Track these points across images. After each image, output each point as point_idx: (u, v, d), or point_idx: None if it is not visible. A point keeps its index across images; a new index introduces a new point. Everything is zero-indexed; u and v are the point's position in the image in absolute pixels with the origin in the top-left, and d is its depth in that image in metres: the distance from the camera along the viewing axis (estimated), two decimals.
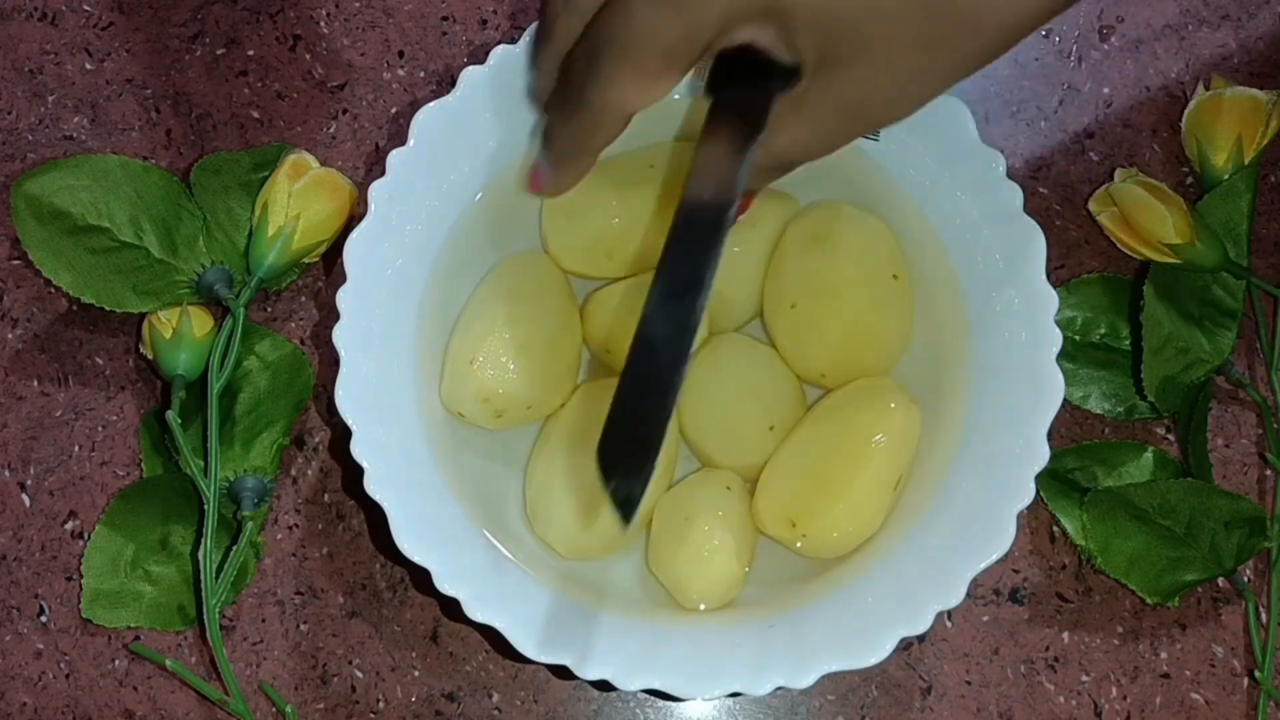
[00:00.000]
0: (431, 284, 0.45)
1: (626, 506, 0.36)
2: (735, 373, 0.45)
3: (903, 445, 0.44)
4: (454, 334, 0.45)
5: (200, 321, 0.49)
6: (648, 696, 0.47)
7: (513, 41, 0.44)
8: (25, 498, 0.49)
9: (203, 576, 0.46)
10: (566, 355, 0.46)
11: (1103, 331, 0.51)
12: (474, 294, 0.46)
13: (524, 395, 0.45)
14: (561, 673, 0.42)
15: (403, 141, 0.43)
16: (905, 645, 0.47)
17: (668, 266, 0.38)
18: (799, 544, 0.44)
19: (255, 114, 0.53)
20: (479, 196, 0.46)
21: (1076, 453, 0.49)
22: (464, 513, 0.44)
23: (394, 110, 0.54)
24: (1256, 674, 0.47)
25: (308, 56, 0.54)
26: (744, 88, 0.39)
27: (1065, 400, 0.42)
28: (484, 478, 0.46)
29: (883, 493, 0.44)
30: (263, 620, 0.48)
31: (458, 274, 0.46)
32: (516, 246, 0.48)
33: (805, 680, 0.39)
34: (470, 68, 0.44)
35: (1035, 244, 0.43)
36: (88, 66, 0.54)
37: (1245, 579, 0.48)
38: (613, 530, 0.44)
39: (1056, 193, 0.53)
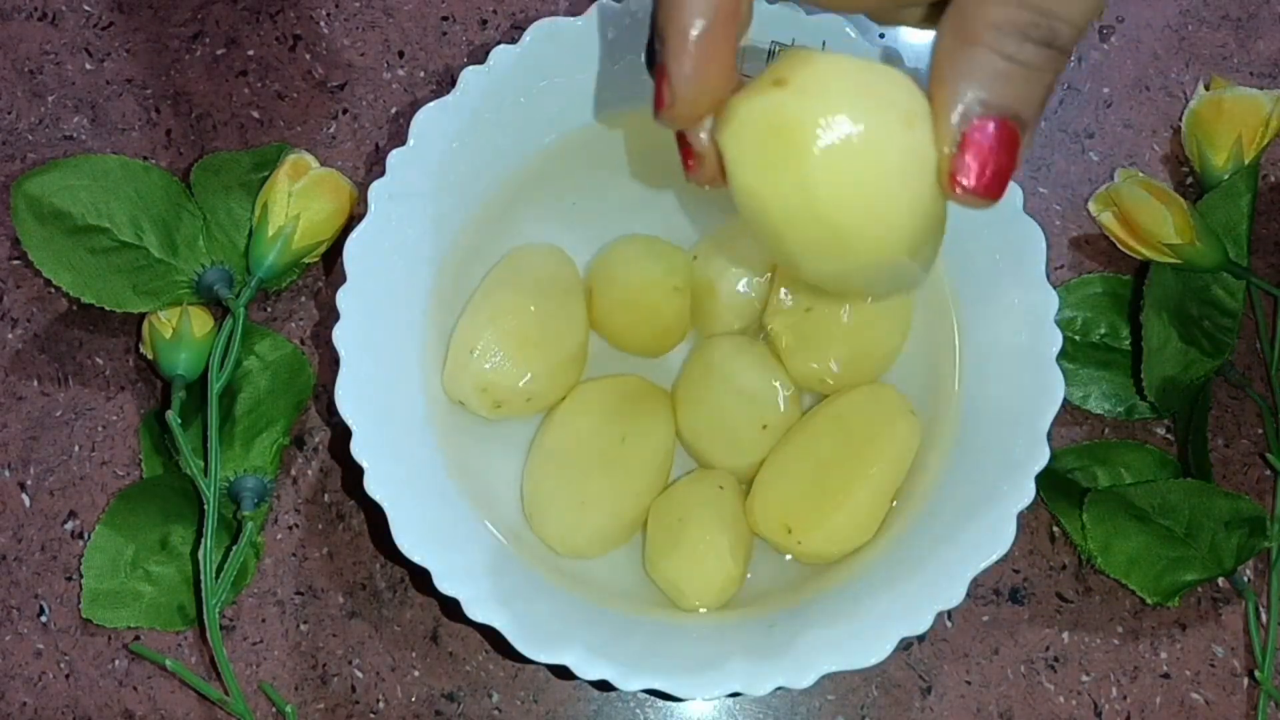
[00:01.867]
0: (432, 283, 0.45)
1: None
2: (728, 373, 0.45)
3: (902, 458, 0.44)
4: (457, 324, 0.45)
5: (200, 321, 0.49)
6: (648, 696, 0.47)
7: (513, 41, 0.44)
8: (25, 498, 0.49)
9: (203, 576, 0.46)
10: (569, 348, 0.46)
11: (1103, 331, 0.51)
12: (479, 285, 0.46)
13: (523, 387, 0.45)
14: (561, 673, 0.42)
15: (403, 141, 0.43)
16: (905, 645, 0.47)
17: None
18: (794, 551, 0.44)
19: (255, 114, 0.53)
20: (479, 195, 0.46)
21: (1076, 453, 0.49)
22: (465, 512, 0.44)
23: (394, 110, 0.54)
24: (1256, 674, 0.47)
25: (308, 56, 0.54)
26: None
27: (1065, 400, 0.42)
28: (487, 475, 0.46)
29: (880, 504, 0.44)
30: (263, 620, 0.48)
31: (459, 272, 0.46)
32: (518, 243, 0.48)
33: (805, 680, 0.39)
34: (470, 68, 0.44)
35: (1035, 244, 0.43)
36: (88, 66, 0.54)
37: (1245, 579, 0.48)
38: (609, 529, 0.45)
39: (1056, 193, 0.53)
